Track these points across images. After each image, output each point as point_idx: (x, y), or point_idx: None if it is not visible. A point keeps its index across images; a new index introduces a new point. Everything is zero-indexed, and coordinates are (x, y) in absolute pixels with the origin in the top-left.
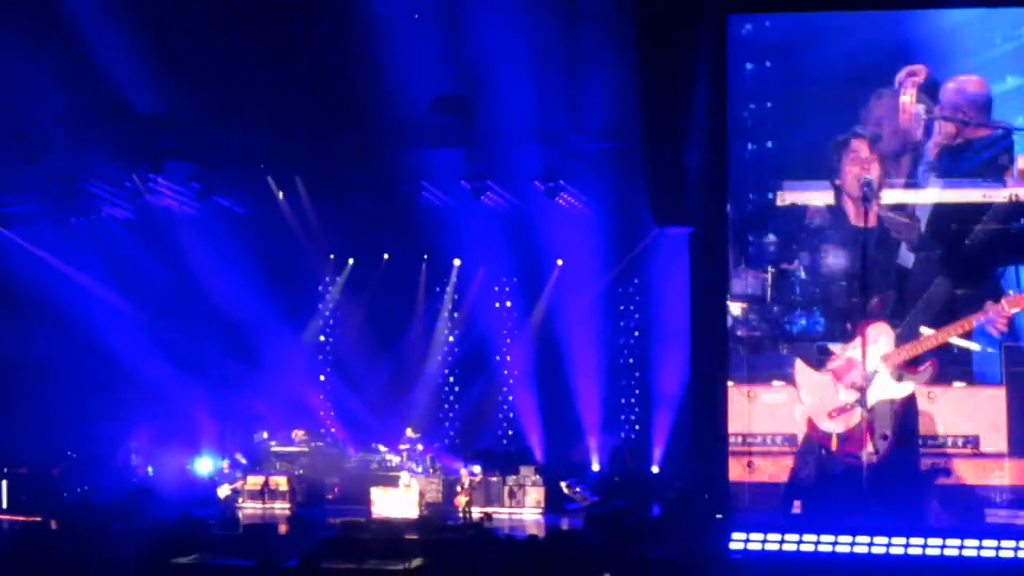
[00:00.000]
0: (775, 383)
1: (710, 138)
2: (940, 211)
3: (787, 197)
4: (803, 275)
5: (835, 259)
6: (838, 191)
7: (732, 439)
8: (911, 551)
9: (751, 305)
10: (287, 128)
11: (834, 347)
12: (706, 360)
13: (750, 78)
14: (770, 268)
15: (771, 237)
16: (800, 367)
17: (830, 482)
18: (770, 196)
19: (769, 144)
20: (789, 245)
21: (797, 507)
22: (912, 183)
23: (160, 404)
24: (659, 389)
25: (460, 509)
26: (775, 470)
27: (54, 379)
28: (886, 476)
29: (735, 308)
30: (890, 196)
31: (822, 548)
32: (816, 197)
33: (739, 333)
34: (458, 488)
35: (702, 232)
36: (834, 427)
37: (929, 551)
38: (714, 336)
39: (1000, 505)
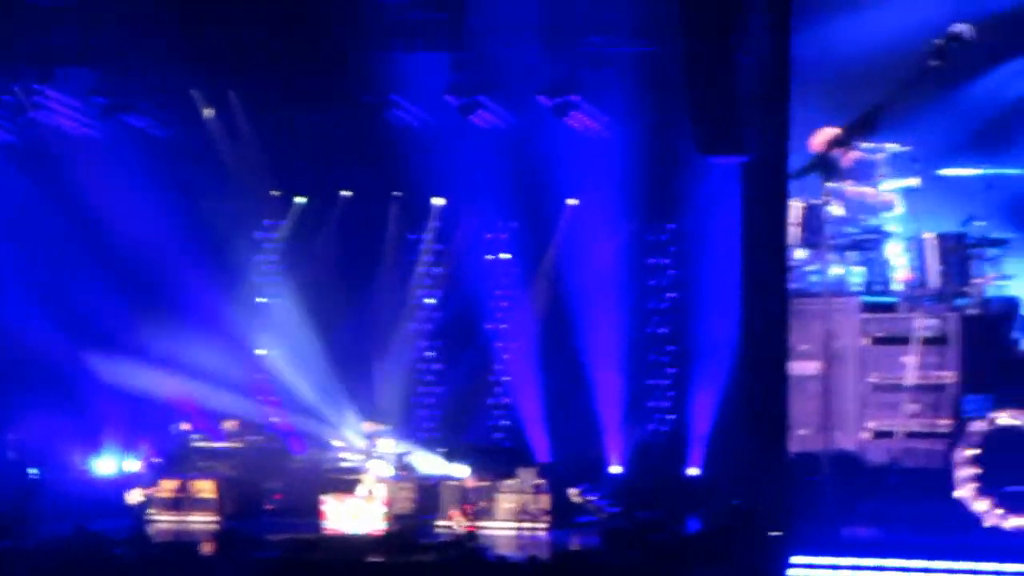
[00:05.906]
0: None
1: (771, 40)
2: None
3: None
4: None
5: None
6: None
7: None
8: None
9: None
10: (217, 26)
11: None
12: (762, 328)
13: None
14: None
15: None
16: None
17: None
18: None
19: None
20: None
21: None
22: None
23: (50, 384)
24: (700, 367)
25: (455, 525)
26: None
27: None
28: None
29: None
30: None
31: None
32: None
33: None
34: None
35: (759, 163)
36: None
37: None
38: (773, 296)
39: None
